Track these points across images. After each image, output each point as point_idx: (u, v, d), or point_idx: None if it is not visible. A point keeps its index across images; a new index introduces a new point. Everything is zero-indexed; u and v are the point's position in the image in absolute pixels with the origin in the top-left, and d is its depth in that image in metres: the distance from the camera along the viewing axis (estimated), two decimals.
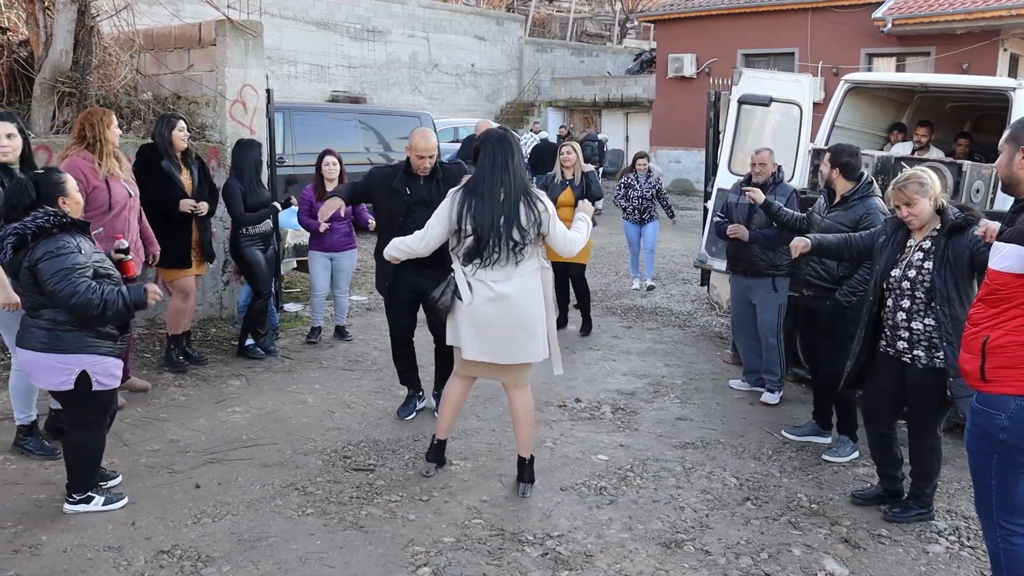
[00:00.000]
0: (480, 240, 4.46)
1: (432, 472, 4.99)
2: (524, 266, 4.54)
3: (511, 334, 4.56)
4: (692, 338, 8.48)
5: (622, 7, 37.85)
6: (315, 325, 7.81)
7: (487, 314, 4.54)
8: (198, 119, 8.12)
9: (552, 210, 4.61)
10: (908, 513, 4.62)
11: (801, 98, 7.46)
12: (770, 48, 21.81)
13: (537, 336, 4.61)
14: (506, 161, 4.51)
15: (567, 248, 4.71)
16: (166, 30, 8.61)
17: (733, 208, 6.58)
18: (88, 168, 5.50)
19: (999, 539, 3.49)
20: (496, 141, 4.58)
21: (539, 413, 6.08)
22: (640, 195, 10.39)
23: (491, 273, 4.51)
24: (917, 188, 4.41)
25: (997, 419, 3.35)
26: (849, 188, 5.45)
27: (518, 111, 28.97)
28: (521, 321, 4.56)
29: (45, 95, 7.35)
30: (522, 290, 4.54)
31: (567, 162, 8.15)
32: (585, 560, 4.11)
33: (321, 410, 6.04)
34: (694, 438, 5.76)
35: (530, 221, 4.48)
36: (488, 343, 4.60)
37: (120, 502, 4.45)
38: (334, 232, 7.53)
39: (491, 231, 4.44)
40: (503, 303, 4.51)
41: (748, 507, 4.75)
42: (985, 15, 17.55)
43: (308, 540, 4.20)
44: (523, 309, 4.55)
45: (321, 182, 7.53)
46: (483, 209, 4.46)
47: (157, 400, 6.05)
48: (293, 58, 23.87)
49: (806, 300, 5.66)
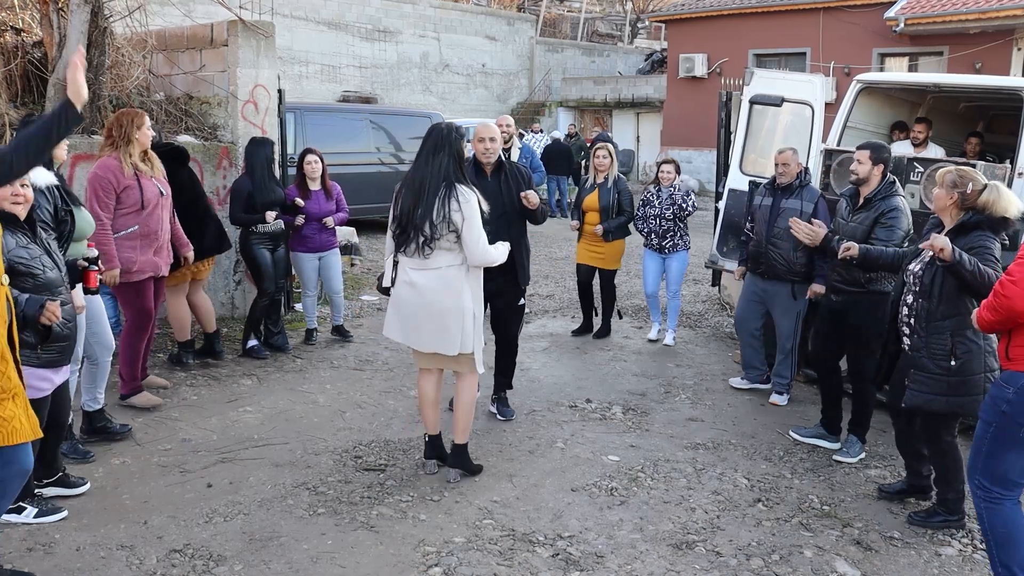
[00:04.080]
0: (399, 227, 4.66)
1: (435, 469, 5.00)
2: (438, 259, 4.61)
3: (420, 322, 4.70)
4: (703, 339, 8.46)
5: (633, 7, 37.81)
6: (310, 327, 7.81)
7: (400, 297, 4.75)
8: (210, 119, 8.15)
9: (471, 214, 4.56)
10: (933, 519, 4.61)
11: (813, 98, 7.42)
12: (782, 48, 21.75)
13: (448, 330, 4.66)
14: (430, 155, 4.63)
15: (477, 257, 4.65)
16: (178, 31, 8.65)
17: (756, 210, 6.50)
18: (117, 168, 5.65)
19: (981, 499, 3.83)
20: (429, 135, 4.71)
21: (550, 413, 6.10)
22: (659, 214, 7.99)
23: (409, 260, 4.68)
24: (952, 181, 4.40)
25: (1006, 391, 3.65)
26: (874, 188, 5.39)
27: (529, 111, 28.95)
28: (428, 312, 4.66)
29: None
30: (433, 282, 4.63)
31: (600, 166, 8.02)
32: (596, 561, 4.11)
33: (332, 410, 6.05)
34: (705, 439, 5.75)
35: (440, 218, 4.52)
36: (403, 326, 4.78)
37: (57, 515, 4.30)
38: (319, 232, 7.53)
39: (408, 221, 4.61)
40: (413, 290, 4.67)
41: (759, 508, 4.74)
42: (999, 14, 17.45)
43: (319, 540, 4.21)
44: (430, 301, 4.65)
45: (303, 181, 7.52)
46: (406, 199, 4.64)
47: (169, 400, 6.07)
48: (304, 58, 23.92)
49: (833, 304, 5.58)
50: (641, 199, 8.20)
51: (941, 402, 4.39)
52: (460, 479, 4.87)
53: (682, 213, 7.95)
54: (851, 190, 5.59)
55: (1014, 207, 4.31)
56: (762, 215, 6.42)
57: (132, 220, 5.70)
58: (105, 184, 5.60)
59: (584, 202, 8.00)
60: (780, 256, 6.25)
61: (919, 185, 6.38)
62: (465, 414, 4.94)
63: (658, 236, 8.03)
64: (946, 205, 4.43)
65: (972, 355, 4.35)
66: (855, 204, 5.47)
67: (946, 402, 4.38)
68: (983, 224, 4.31)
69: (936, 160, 6.63)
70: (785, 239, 6.12)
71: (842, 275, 5.42)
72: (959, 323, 4.35)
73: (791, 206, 6.22)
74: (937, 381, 4.38)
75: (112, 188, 5.61)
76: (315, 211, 7.42)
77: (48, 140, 3.56)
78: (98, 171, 5.65)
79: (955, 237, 4.34)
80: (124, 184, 5.64)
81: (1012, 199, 4.34)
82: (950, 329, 4.36)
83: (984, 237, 4.29)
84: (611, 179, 7.98)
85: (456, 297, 4.65)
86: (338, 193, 7.68)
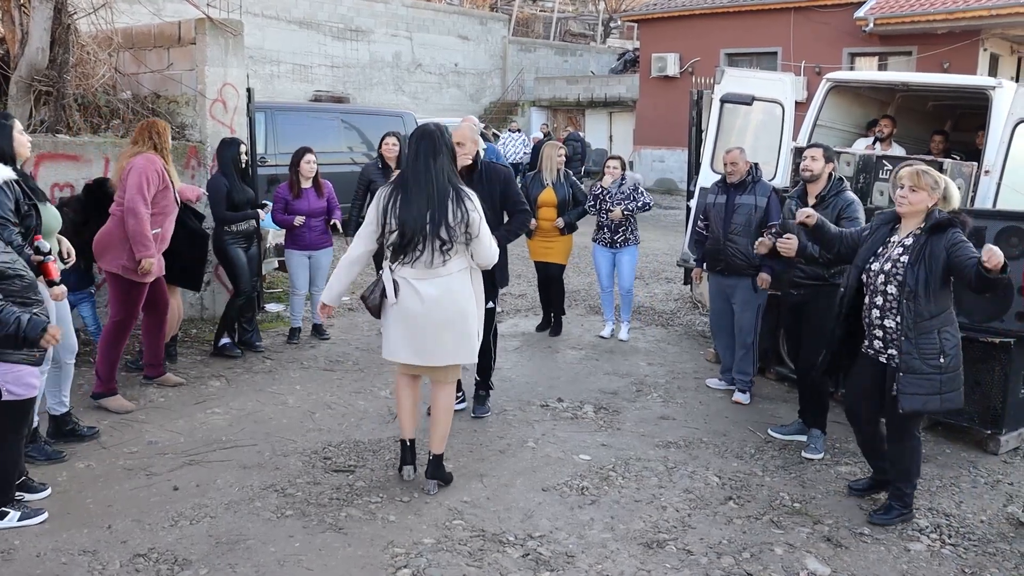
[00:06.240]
0: (404, 237, 4.37)
1: (412, 476, 4.89)
2: (451, 265, 4.46)
3: (438, 335, 4.49)
4: (675, 337, 8.47)
5: (606, 7, 37.87)
6: (295, 326, 7.76)
7: (409, 312, 4.46)
8: (178, 118, 8.05)
9: (482, 212, 4.49)
10: (891, 515, 4.61)
11: (783, 97, 7.46)
12: (753, 47, 21.85)
13: (468, 336, 4.56)
14: (429, 158, 4.41)
15: (489, 257, 4.59)
16: (145, 28, 8.53)
17: (711, 209, 6.54)
18: (162, 167, 5.85)
19: None
20: (420, 137, 4.49)
21: (521, 413, 6.08)
22: (610, 209, 7.93)
23: (415, 271, 4.43)
24: (932, 183, 4.42)
25: None
26: (824, 186, 5.47)
27: (502, 111, 28.94)
28: (448, 322, 4.48)
29: (21, 94, 7.26)
30: (448, 290, 4.45)
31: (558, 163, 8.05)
32: (567, 561, 4.08)
33: (302, 411, 5.99)
34: (677, 437, 5.74)
35: (457, 220, 4.38)
36: (415, 344, 4.52)
37: (38, 517, 4.24)
38: (311, 230, 7.48)
39: (417, 229, 4.35)
40: (429, 303, 4.43)
41: (731, 506, 4.74)
42: (966, 15, 17.64)
43: (287, 542, 4.15)
44: (449, 310, 4.47)
45: (297, 180, 7.47)
46: (409, 206, 4.37)
47: (135, 401, 5.97)
48: (275, 57, 23.75)
49: (794, 299, 5.64)
50: (591, 194, 8.06)
51: (936, 402, 4.39)
52: (437, 490, 4.76)
53: (635, 207, 7.89)
54: (799, 190, 5.65)
55: (956, 200, 4.50)
56: (717, 213, 6.47)
57: (156, 223, 5.82)
58: (152, 174, 5.73)
59: (539, 199, 7.94)
60: (739, 251, 6.31)
61: (888, 183, 6.43)
62: (443, 423, 4.80)
63: (610, 231, 8.02)
64: (927, 207, 4.44)
65: (957, 349, 4.41)
66: (805, 204, 5.50)
67: (940, 400, 4.39)
68: (956, 221, 4.35)
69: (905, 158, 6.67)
70: (743, 234, 6.26)
71: (804, 270, 5.46)
72: (944, 319, 4.39)
73: (745, 201, 6.33)
74: (930, 381, 4.36)
75: (157, 181, 5.76)
76: (306, 209, 7.39)
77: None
78: (145, 163, 5.73)
79: (928, 237, 4.36)
80: (166, 184, 5.84)
81: (956, 192, 4.52)
82: (937, 327, 4.38)
83: (960, 233, 4.33)
84: (562, 174, 8.02)
85: (467, 302, 4.54)
86: (330, 191, 7.64)
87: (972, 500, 4.96)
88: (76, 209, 6.25)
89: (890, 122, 8.24)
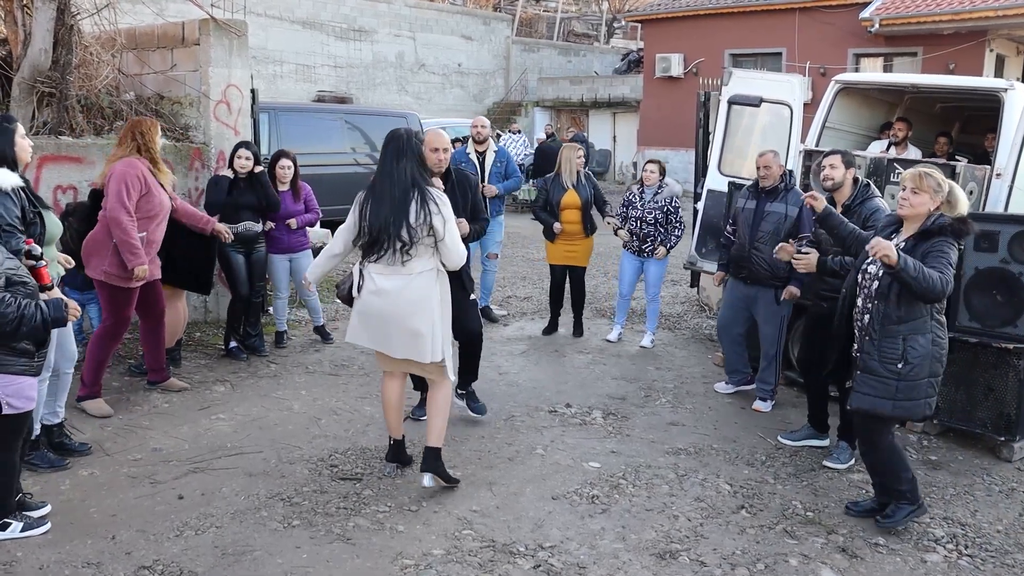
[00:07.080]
0: (370, 235, 4.58)
1: (394, 472, 4.97)
2: (413, 266, 4.58)
3: (390, 329, 4.65)
4: (683, 340, 8.40)
5: (609, 7, 37.80)
6: (280, 330, 7.70)
7: (368, 306, 4.67)
8: (182, 119, 7.99)
9: (448, 216, 4.60)
10: (898, 515, 4.52)
11: (791, 99, 7.38)
12: (757, 48, 21.77)
13: (420, 337, 4.62)
14: (394, 162, 4.58)
15: (456, 258, 4.70)
16: (149, 29, 8.47)
17: (739, 213, 6.39)
18: (145, 170, 5.70)
19: None
20: (388, 140, 4.67)
21: (529, 419, 6.01)
22: (640, 216, 7.78)
23: (378, 267, 4.62)
24: (934, 186, 4.35)
25: None
26: (850, 194, 5.35)
27: (505, 111, 28.84)
28: (399, 319, 4.62)
29: (24, 95, 7.20)
30: (405, 289, 4.58)
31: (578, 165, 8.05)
32: (578, 572, 4.02)
33: (307, 417, 5.92)
34: (687, 444, 5.68)
35: (420, 221, 4.49)
36: (371, 332, 4.73)
37: (42, 527, 4.18)
38: (288, 233, 7.42)
39: (381, 229, 4.53)
40: (384, 297, 4.61)
41: (743, 515, 4.67)
42: (972, 16, 17.56)
43: (294, 553, 4.09)
44: (402, 308, 4.59)
45: (273, 183, 7.38)
46: (376, 208, 4.57)
47: (139, 407, 5.92)
48: (279, 58, 23.69)
49: (819, 309, 5.50)
50: (623, 199, 8.03)
51: (887, 406, 4.37)
52: (433, 483, 4.75)
53: (665, 221, 7.76)
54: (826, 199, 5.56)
55: (963, 204, 4.40)
56: (745, 219, 6.30)
57: (142, 227, 5.70)
58: (133, 180, 5.60)
59: (562, 201, 7.91)
60: (764, 261, 6.13)
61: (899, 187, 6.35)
62: (437, 418, 4.83)
63: (638, 239, 7.85)
64: (930, 210, 4.37)
65: (922, 360, 4.33)
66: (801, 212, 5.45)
67: (892, 407, 4.36)
68: (946, 229, 4.28)
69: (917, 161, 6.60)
70: (769, 243, 5.99)
71: (831, 283, 5.33)
72: (915, 327, 4.33)
73: (776, 209, 6.13)
74: (885, 385, 4.35)
75: (139, 187, 5.63)
76: (282, 212, 7.31)
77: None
78: (126, 168, 5.62)
79: (917, 242, 4.30)
80: (149, 188, 5.70)
81: (963, 196, 4.42)
82: (904, 333, 4.33)
83: (944, 242, 4.27)
84: (582, 175, 8.04)
85: (425, 302, 4.62)
86: (307, 194, 7.56)
87: (987, 509, 4.89)
88: (81, 218, 6.15)
89: (905, 125, 8.17)
